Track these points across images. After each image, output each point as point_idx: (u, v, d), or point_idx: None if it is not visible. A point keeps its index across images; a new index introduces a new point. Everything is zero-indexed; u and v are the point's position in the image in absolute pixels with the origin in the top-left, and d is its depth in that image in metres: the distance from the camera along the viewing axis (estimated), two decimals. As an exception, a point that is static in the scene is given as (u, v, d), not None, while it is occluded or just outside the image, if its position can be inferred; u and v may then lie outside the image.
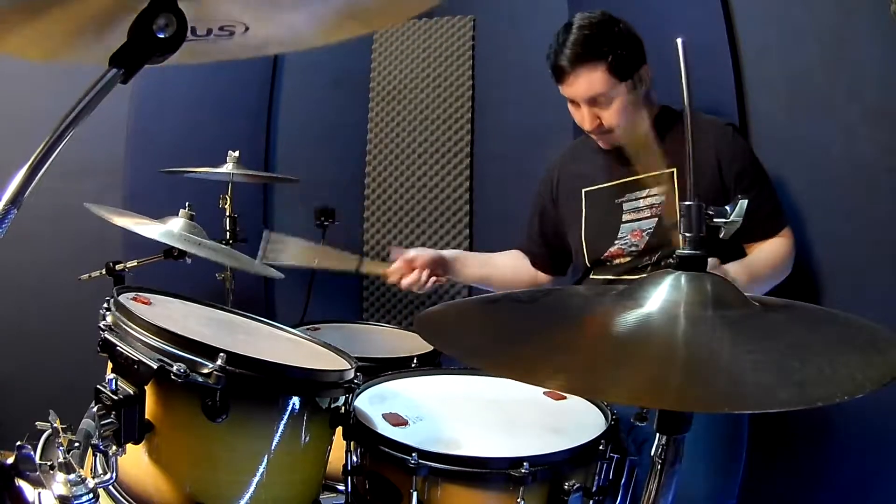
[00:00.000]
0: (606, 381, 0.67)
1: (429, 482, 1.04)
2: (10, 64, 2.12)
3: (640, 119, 1.71)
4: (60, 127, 0.68)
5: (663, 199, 1.63)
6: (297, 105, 2.75)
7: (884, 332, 0.73)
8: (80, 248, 2.20)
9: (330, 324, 2.01)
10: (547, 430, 1.16)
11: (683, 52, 0.80)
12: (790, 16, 1.74)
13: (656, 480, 0.77)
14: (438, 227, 2.64)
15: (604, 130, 1.64)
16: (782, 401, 0.58)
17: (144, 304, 1.23)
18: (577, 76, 1.59)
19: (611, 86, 1.57)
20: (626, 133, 1.61)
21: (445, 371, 1.45)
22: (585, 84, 1.58)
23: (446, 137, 2.63)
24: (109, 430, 0.95)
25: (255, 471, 1.06)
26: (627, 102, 1.59)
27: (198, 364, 0.99)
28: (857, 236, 1.61)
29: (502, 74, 2.57)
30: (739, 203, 0.81)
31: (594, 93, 1.58)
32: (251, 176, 2.21)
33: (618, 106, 1.59)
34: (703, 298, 0.75)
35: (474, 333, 0.86)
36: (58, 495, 0.93)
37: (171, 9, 0.72)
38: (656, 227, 1.63)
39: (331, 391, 1.14)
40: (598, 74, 1.56)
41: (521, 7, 2.52)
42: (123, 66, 0.71)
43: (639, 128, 1.70)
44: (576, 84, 1.60)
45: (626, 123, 1.59)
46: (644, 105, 1.69)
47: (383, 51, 2.74)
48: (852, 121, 1.59)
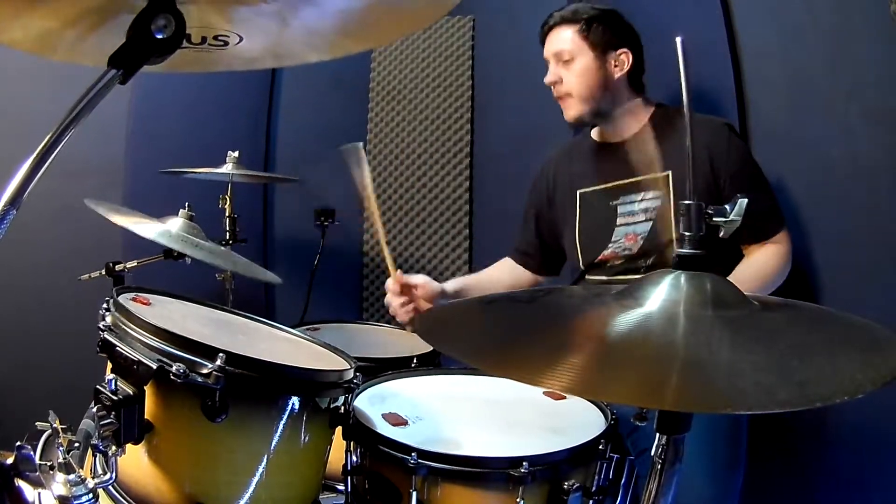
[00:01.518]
0: (606, 381, 0.67)
1: (428, 482, 1.04)
2: (10, 64, 2.12)
3: (637, 119, 1.72)
4: (60, 127, 0.68)
5: (658, 204, 1.63)
6: (297, 105, 2.75)
7: (884, 332, 0.73)
8: (80, 248, 2.20)
9: (330, 324, 2.01)
10: (547, 430, 1.16)
11: (683, 51, 0.80)
12: (790, 16, 1.73)
13: (656, 480, 0.77)
14: (438, 227, 2.64)
15: (561, 92, 1.71)
16: (782, 401, 0.58)
17: (144, 304, 1.23)
18: (551, 35, 1.72)
19: (577, 48, 1.67)
20: (583, 104, 1.68)
21: (445, 371, 1.45)
22: (555, 40, 1.71)
23: (446, 138, 2.63)
24: (109, 431, 0.95)
25: (255, 471, 1.06)
26: (589, 69, 1.66)
27: (197, 364, 0.99)
28: (858, 236, 1.61)
29: (502, 74, 2.57)
30: (739, 202, 0.81)
31: (559, 48, 1.69)
32: (251, 176, 2.21)
33: (579, 68, 1.67)
34: (702, 298, 0.74)
35: (474, 333, 0.86)
36: (57, 495, 0.93)
37: (170, 9, 0.72)
38: (650, 232, 1.63)
39: (330, 391, 1.14)
40: (567, 33, 1.69)
41: (521, 7, 2.51)
42: (122, 67, 0.71)
43: (636, 128, 1.71)
44: (548, 42, 1.73)
45: (586, 91, 1.67)
46: (640, 105, 1.72)
47: (383, 51, 2.74)
48: (852, 121, 1.58)
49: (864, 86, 1.58)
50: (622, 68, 1.68)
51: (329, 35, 0.88)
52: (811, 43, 1.69)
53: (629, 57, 1.68)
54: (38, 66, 1.71)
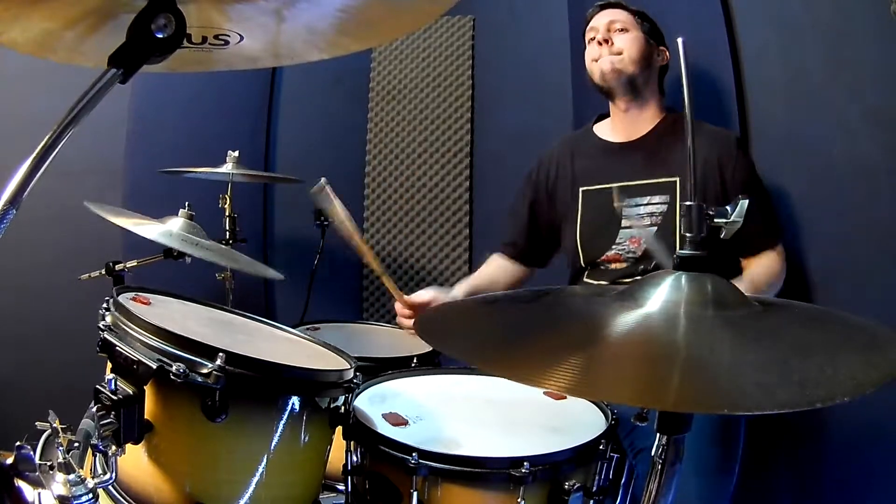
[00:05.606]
0: (607, 381, 0.67)
1: (429, 482, 1.04)
2: (10, 64, 2.12)
3: (648, 120, 1.73)
4: (60, 127, 0.68)
5: (664, 209, 1.63)
6: (297, 105, 2.75)
7: (884, 332, 0.73)
8: (80, 248, 2.20)
9: (330, 324, 2.01)
10: (547, 430, 1.16)
11: (684, 51, 0.80)
12: (790, 16, 1.73)
13: (656, 480, 0.77)
14: (438, 226, 2.64)
15: (613, 50, 1.73)
16: (782, 401, 0.58)
17: (144, 304, 1.23)
18: (605, 11, 1.78)
19: (631, 23, 1.74)
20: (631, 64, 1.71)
21: (445, 371, 1.45)
22: (609, 15, 1.76)
23: (446, 137, 2.63)
24: (109, 430, 0.95)
25: (255, 471, 1.06)
26: (642, 42, 1.73)
27: (197, 364, 0.99)
28: (857, 236, 1.61)
29: (502, 74, 2.57)
30: (740, 203, 0.82)
31: (615, 18, 1.75)
32: (251, 176, 2.20)
33: (632, 36, 1.73)
34: (703, 298, 0.75)
35: (474, 333, 0.86)
36: (57, 495, 0.93)
37: (170, 9, 0.72)
38: (655, 236, 1.63)
39: (330, 391, 1.14)
40: (622, 13, 1.76)
41: (521, 7, 2.52)
42: (122, 67, 0.71)
43: (645, 129, 1.72)
44: (601, 15, 1.78)
45: (637, 54, 1.72)
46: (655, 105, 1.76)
47: (383, 50, 2.74)
48: (852, 121, 1.59)
49: (864, 86, 1.58)
50: (663, 60, 1.77)
51: (329, 34, 0.89)
52: (811, 43, 1.69)
53: (667, 56, 1.77)
54: (38, 66, 1.71)
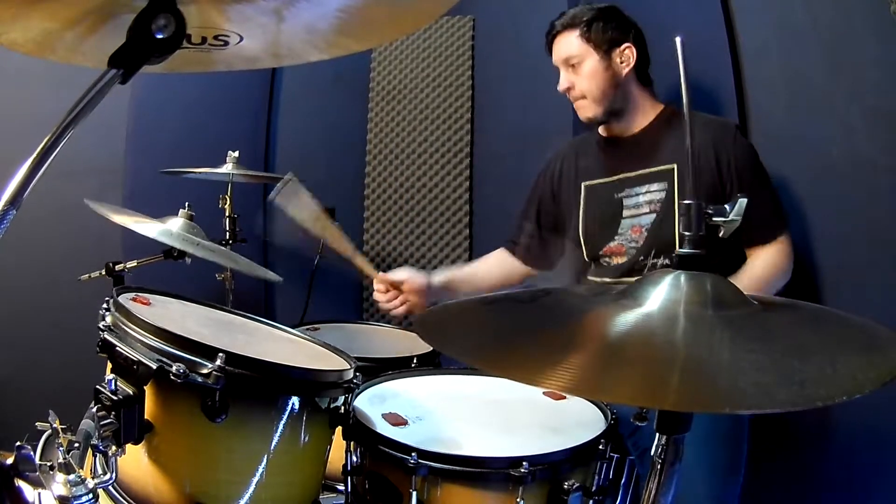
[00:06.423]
0: (606, 381, 0.67)
1: (428, 482, 1.04)
2: (10, 64, 2.12)
3: (644, 114, 1.72)
4: (60, 127, 0.68)
5: (662, 197, 1.63)
6: (297, 105, 2.75)
7: (884, 332, 0.73)
8: (80, 248, 2.20)
9: (330, 324, 2.01)
10: (547, 430, 1.16)
11: (682, 50, 0.80)
12: (790, 16, 1.73)
13: (656, 480, 0.77)
14: (438, 227, 2.64)
15: (575, 96, 1.74)
16: (782, 401, 0.58)
17: (144, 304, 1.23)
18: (556, 42, 1.75)
19: (582, 51, 1.70)
20: (597, 105, 1.71)
21: (445, 371, 1.45)
22: (561, 47, 1.74)
23: (446, 137, 2.63)
24: (109, 431, 0.95)
25: (255, 471, 1.06)
26: (597, 70, 1.69)
27: (197, 364, 0.99)
28: (858, 236, 1.61)
29: (502, 74, 2.57)
30: (739, 202, 0.81)
31: (566, 54, 1.72)
32: (251, 176, 2.20)
33: (587, 70, 1.70)
34: (703, 298, 0.74)
35: (474, 333, 0.86)
36: (57, 496, 0.93)
37: (170, 9, 0.72)
38: (653, 224, 1.63)
39: (330, 391, 1.14)
40: (570, 38, 1.72)
41: (521, 7, 2.51)
42: (122, 67, 0.71)
43: (643, 123, 1.72)
44: (554, 50, 1.76)
45: (598, 92, 1.70)
46: (648, 99, 1.74)
47: (383, 50, 2.74)
48: (852, 121, 1.58)
49: (864, 86, 1.58)
50: (628, 63, 1.70)
51: (329, 34, 0.89)
52: (811, 43, 1.69)
53: (633, 51, 1.70)
54: (38, 66, 1.71)
